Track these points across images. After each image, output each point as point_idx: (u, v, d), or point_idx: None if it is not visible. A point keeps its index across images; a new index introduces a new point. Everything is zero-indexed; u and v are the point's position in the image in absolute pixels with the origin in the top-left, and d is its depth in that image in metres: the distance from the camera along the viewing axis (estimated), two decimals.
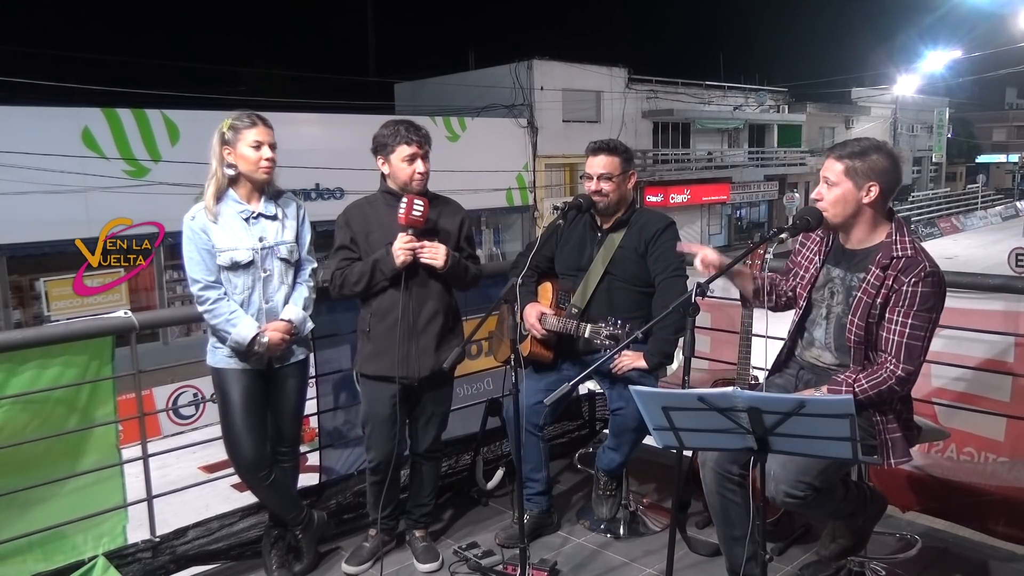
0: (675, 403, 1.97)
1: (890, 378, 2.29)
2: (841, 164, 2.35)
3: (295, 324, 2.82)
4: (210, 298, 2.71)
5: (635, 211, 3.16)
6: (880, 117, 36.41)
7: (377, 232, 2.90)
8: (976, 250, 29.35)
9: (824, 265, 2.51)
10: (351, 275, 2.89)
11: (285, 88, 23.06)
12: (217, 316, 2.70)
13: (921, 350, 2.29)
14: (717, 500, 2.55)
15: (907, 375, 2.29)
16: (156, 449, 3.11)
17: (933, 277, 2.27)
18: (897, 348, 2.28)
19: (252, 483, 2.87)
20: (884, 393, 2.31)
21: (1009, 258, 18.66)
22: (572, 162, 21.65)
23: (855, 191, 2.34)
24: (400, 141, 2.88)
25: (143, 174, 13.89)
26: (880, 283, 2.31)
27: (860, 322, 2.34)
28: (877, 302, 2.31)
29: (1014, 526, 2.99)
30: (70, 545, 2.81)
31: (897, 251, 2.32)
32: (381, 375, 2.93)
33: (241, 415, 2.76)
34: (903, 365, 2.27)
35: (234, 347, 2.73)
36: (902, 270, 2.29)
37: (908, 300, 2.27)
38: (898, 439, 2.38)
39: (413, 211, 2.80)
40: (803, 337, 2.58)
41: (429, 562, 3.05)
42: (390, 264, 2.83)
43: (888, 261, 2.31)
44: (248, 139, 2.70)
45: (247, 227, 2.75)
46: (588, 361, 3.04)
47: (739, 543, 2.57)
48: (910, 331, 2.27)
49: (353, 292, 2.91)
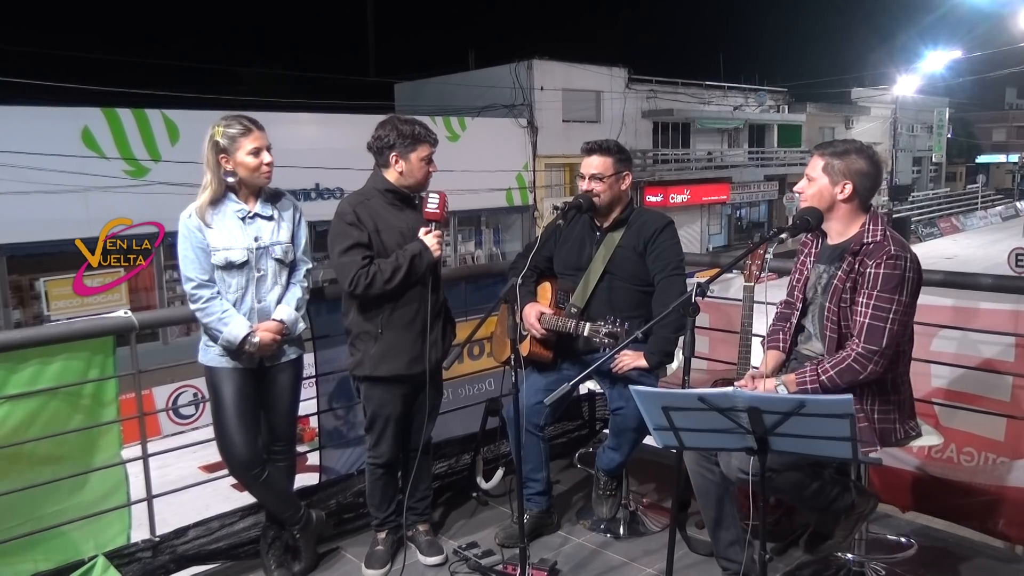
0: (675, 403, 1.98)
1: (849, 357, 2.36)
2: (822, 160, 2.50)
3: (287, 324, 2.82)
4: (203, 296, 2.71)
5: (634, 210, 3.16)
6: (880, 117, 36.41)
7: (386, 230, 2.89)
8: (976, 250, 29.37)
9: (814, 265, 2.61)
10: (382, 272, 2.80)
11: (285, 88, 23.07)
12: (209, 315, 2.71)
13: (884, 332, 2.35)
14: (699, 480, 2.62)
15: (868, 353, 2.34)
16: (156, 449, 3.11)
17: (897, 260, 2.35)
18: (860, 328, 2.37)
19: (246, 481, 2.88)
20: (845, 373, 2.36)
21: (1009, 258, 18.67)
22: (572, 162, 21.61)
23: (830, 187, 2.48)
24: (423, 140, 2.89)
25: (143, 174, 13.90)
26: (850, 268, 2.42)
27: (834, 307, 2.45)
28: (847, 286, 2.42)
29: (1014, 526, 2.99)
30: (70, 545, 2.81)
31: (867, 238, 2.44)
32: (396, 374, 2.91)
33: (233, 413, 2.77)
34: (863, 344, 2.35)
35: (225, 346, 2.73)
36: (868, 254, 2.40)
37: (872, 281, 2.37)
38: (864, 428, 2.42)
39: (446, 207, 2.84)
40: (802, 333, 2.66)
41: (434, 555, 3.06)
42: (429, 258, 2.83)
43: (859, 248, 2.43)
44: (246, 147, 2.70)
45: (243, 227, 2.76)
46: (588, 361, 3.04)
47: (721, 527, 2.64)
48: (872, 311, 2.36)
49: (383, 290, 2.81)
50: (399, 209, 2.94)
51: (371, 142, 2.94)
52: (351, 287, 2.82)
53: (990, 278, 3.08)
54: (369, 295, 2.84)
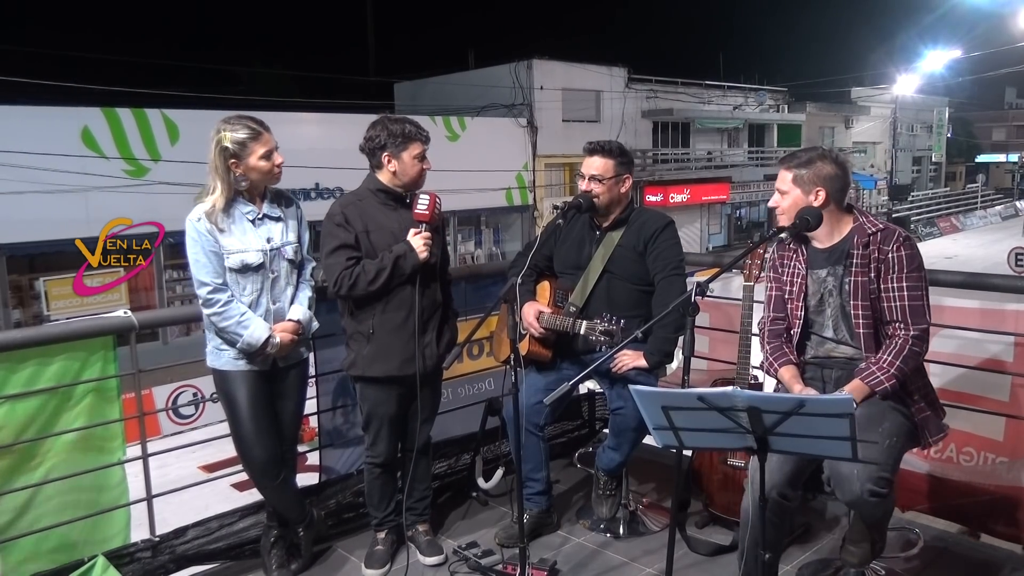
0: (675, 403, 1.98)
1: (907, 342, 2.40)
2: (790, 173, 2.54)
3: (303, 324, 2.82)
4: (220, 300, 2.66)
5: (634, 210, 3.16)
6: (880, 117, 36.40)
7: (376, 231, 2.88)
8: (976, 250, 29.37)
9: (808, 272, 2.59)
10: (365, 273, 2.81)
11: (285, 88, 23.06)
12: (228, 319, 2.66)
13: (924, 309, 2.43)
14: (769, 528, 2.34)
15: (920, 333, 2.41)
16: (156, 449, 3.11)
17: (909, 240, 2.46)
18: (903, 312, 2.41)
19: (265, 486, 2.86)
20: (910, 359, 2.40)
21: (1009, 258, 18.70)
22: (572, 162, 21.61)
23: (804, 196, 2.52)
24: (414, 138, 2.87)
25: (143, 174, 13.88)
26: (868, 259, 2.45)
27: (864, 303, 2.46)
28: (872, 276, 2.45)
29: (1014, 526, 2.99)
30: (70, 545, 2.81)
31: (870, 228, 2.48)
32: (388, 375, 2.91)
33: (250, 417, 2.74)
34: (914, 325, 2.40)
35: (245, 349, 2.70)
36: (882, 240, 2.45)
37: (897, 265, 2.42)
38: (929, 417, 2.50)
39: (436, 207, 2.83)
40: (809, 340, 2.63)
41: (434, 555, 3.06)
42: (413, 260, 2.81)
43: (867, 239, 2.47)
44: (258, 152, 2.66)
45: (255, 229, 2.73)
46: (588, 360, 3.04)
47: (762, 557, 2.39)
48: (908, 293, 2.41)
49: (366, 291, 2.82)
50: (392, 209, 2.93)
51: (363, 144, 2.92)
52: (335, 288, 2.83)
53: (1000, 278, 3.09)
54: (354, 296, 2.85)
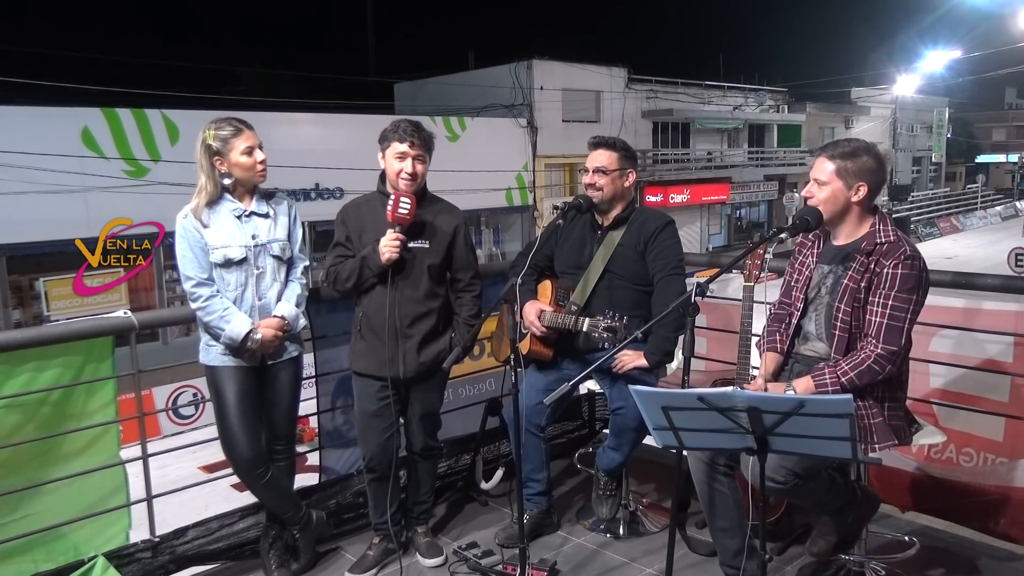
0: (675, 403, 1.98)
1: (868, 358, 2.35)
2: (832, 164, 2.45)
3: (288, 320, 2.83)
4: (203, 295, 2.72)
5: (634, 209, 3.16)
6: (880, 117, 36.40)
7: (370, 231, 2.91)
8: (976, 250, 29.36)
9: (817, 265, 2.58)
10: (343, 272, 2.92)
11: (285, 88, 23.06)
12: (210, 313, 2.72)
13: (902, 332, 2.35)
14: (705, 490, 2.60)
15: (888, 354, 2.34)
16: (156, 449, 3.11)
17: (913, 260, 2.36)
18: (878, 328, 2.36)
19: (249, 481, 2.88)
20: (865, 374, 2.35)
21: (1009, 258, 18.70)
22: (572, 162, 21.65)
23: (845, 190, 2.44)
24: (395, 137, 2.88)
25: (143, 174, 13.89)
26: (864, 268, 2.41)
27: (847, 308, 2.43)
28: (861, 286, 2.40)
29: (1013, 526, 2.99)
30: (70, 545, 2.81)
31: (880, 238, 2.43)
32: (369, 373, 2.96)
33: (236, 413, 2.78)
34: (883, 344, 2.34)
35: (228, 344, 2.74)
36: (884, 254, 2.39)
37: (889, 282, 2.36)
38: (880, 424, 2.42)
39: (400, 208, 2.80)
40: (799, 334, 2.64)
41: (433, 557, 3.06)
42: (376, 261, 2.84)
43: (872, 247, 2.42)
44: (238, 147, 2.73)
45: (240, 225, 2.78)
46: (588, 360, 3.04)
47: (727, 534, 2.62)
48: (891, 312, 2.35)
49: (345, 288, 2.94)
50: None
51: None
52: (326, 284, 2.99)
53: (997, 279, 3.08)
54: (338, 292, 3.00)
